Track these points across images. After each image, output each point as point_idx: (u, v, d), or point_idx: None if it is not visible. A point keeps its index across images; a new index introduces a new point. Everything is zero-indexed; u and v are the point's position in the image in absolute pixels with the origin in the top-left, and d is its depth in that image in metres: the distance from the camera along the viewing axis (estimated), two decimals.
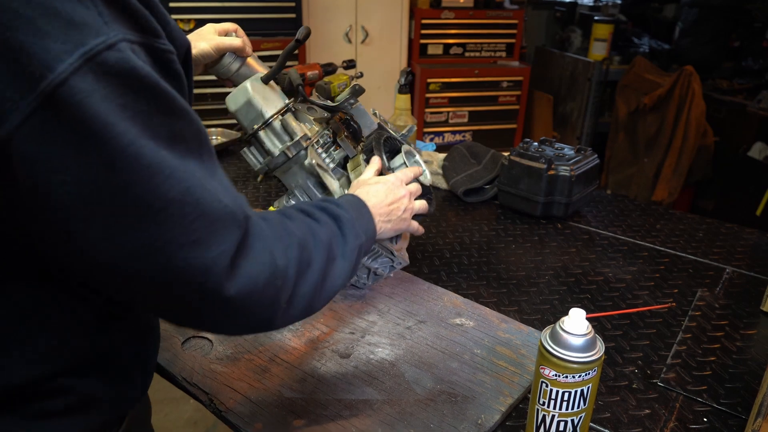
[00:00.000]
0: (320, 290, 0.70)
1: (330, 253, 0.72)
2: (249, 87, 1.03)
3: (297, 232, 0.68)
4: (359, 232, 0.79)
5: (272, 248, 0.62)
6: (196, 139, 0.55)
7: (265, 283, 0.60)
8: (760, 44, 3.79)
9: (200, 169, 0.54)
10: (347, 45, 3.45)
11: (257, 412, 0.85)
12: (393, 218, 0.94)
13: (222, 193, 0.56)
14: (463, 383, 0.91)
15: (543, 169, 1.46)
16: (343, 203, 0.81)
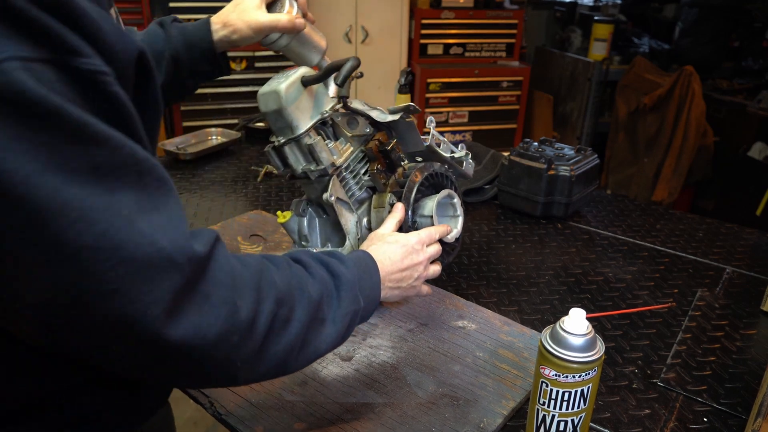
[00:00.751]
0: (298, 353, 0.64)
1: (318, 313, 0.66)
2: (282, 93, 0.90)
3: (279, 283, 0.61)
4: (358, 297, 0.72)
5: (235, 298, 0.55)
6: (131, 168, 0.48)
7: (217, 338, 0.53)
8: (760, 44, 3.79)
9: (135, 203, 0.48)
10: (347, 45, 3.45)
11: (258, 416, 0.85)
12: (403, 285, 0.88)
13: (161, 233, 0.49)
14: (465, 386, 0.91)
15: (543, 169, 1.46)
16: (349, 261, 0.74)
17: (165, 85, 0.98)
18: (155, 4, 2.89)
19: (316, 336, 0.66)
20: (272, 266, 0.63)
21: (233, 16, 0.99)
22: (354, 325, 0.73)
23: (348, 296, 0.70)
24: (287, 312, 0.61)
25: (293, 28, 0.98)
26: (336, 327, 0.68)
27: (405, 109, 1.01)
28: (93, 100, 0.46)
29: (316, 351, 0.67)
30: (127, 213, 0.47)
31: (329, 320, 0.67)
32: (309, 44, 1.02)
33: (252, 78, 3.19)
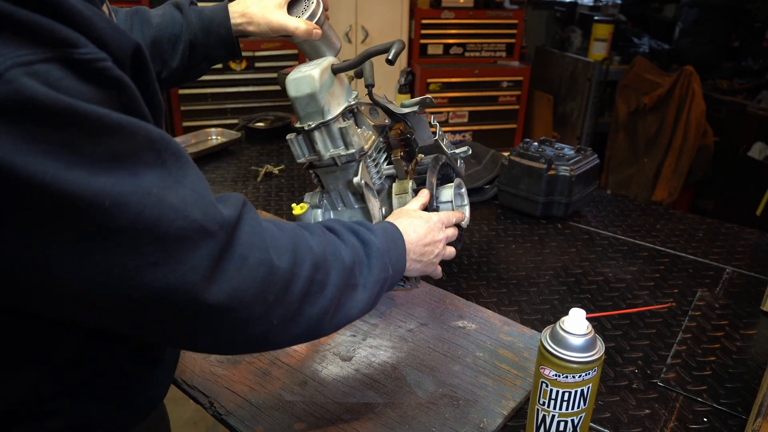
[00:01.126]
0: (331, 316, 0.66)
1: (351, 279, 0.68)
2: (317, 78, 0.91)
3: (315, 248, 0.64)
4: (388, 265, 0.74)
5: (273, 259, 0.58)
6: (149, 148, 0.49)
7: (254, 297, 0.56)
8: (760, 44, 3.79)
9: (161, 181, 0.49)
10: (347, 45, 3.46)
11: (258, 416, 0.85)
12: (424, 259, 0.91)
13: (191, 204, 0.51)
14: (465, 386, 0.91)
15: (543, 169, 1.46)
16: (378, 230, 0.76)
17: (179, 67, 0.99)
18: (155, 3, 2.90)
19: (349, 301, 0.68)
20: (307, 232, 0.65)
21: (255, 9, 0.99)
22: (383, 293, 0.76)
23: (378, 263, 0.72)
24: (323, 276, 0.63)
25: (309, 37, 1.00)
26: (367, 293, 0.70)
27: (422, 101, 1.04)
28: (99, 88, 0.47)
29: (348, 316, 0.69)
30: (156, 191, 0.48)
31: (361, 286, 0.69)
32: (327, 41, 1.04)
33: (252, 78, 3.19)
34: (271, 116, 2.15)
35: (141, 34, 0.95)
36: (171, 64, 0.98)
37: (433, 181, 1.04)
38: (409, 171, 1.07)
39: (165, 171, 0.50)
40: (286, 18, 0.98)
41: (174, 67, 0.98)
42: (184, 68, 1.00)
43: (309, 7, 1.01)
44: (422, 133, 1.09)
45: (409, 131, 1.06)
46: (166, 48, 0.97)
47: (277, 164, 1.81)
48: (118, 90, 0.49)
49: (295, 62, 3.16)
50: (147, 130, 0.50)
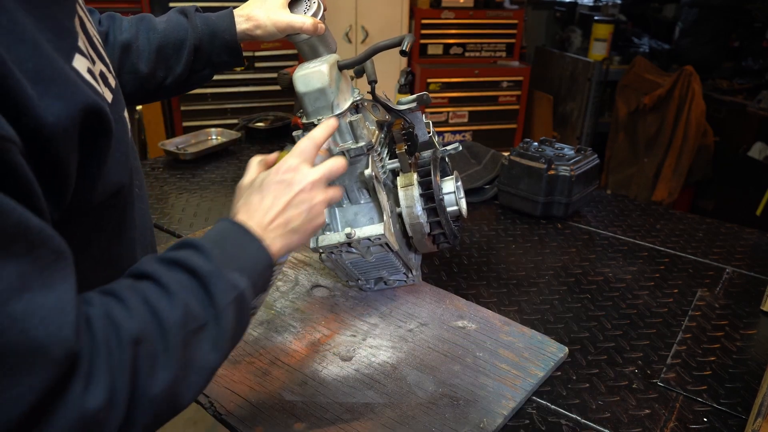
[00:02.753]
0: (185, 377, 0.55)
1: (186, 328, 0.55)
2: (326, 73, 0.92)
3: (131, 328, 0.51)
4: (233, 281, 0.60)
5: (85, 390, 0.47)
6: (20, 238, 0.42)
7: None
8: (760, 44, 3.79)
9: (18, 279, 0.42)
10: (347, 45, 3.45)
11: (257, 416, 0.85)
12: (295, 224, 0.71)
13: (41, 318, 0.42)
14: (465, 386, 0.91)
15: (543, 169, 1.46)
16: (205, 246, 0.61)
17: (183, 73, 0.99)
18: (155, 4, 2.89)
19: (200, 348, 0.57)
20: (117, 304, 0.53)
21: (259, 12, 1.00)
22: (247, 309, 0.63)
23: (220, 287, 0.59)
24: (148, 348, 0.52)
25: (315, 32, 1.00)
26: (222, 326, 0.58)
27: (419, 98, 1.05)
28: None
29: (208, 362, 0.58)
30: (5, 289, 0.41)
31: (209, 324, 0.58)
32: (325, 42, 1.06)
33: (252, 78, 3.18)
34: (271, 116, 2.15)
35: (147, 40, 0.96)
36: (176, 69, 0.98)
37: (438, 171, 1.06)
38: (412, 164, 1.08)
39: (33, 268, 0.43)
40: (291, 17, 0.99)
41: (178, 73, 0.99)
42: (188, 74, 1.01)
43: (311, 6, 1.03)
44: (419, 129, 1.11)
45: (410, 126, 1.08)
46: (171, 53, 0.97)
47: None
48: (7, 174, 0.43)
49: (294, 62, 3.16)
50: (23, 217, 0.42)
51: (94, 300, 0.53)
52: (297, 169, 0.73)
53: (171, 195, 1.61)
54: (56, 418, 0.44)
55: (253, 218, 0.68)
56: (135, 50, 0.94)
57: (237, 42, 1.01)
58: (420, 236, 1.05)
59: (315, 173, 0.74)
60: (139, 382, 0.51)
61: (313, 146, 0.77)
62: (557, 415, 0.89)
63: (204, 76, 1.04)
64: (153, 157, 1.90)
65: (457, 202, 1.06)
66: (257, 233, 0.66)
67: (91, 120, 0.51)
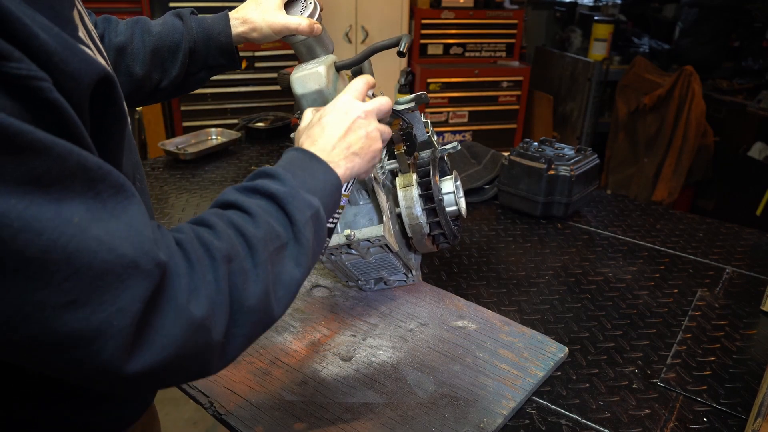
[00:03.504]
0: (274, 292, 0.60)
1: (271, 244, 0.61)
2: (324, 74, 0.91)
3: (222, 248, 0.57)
4: (308, 199, 0.65)
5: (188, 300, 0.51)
6: (81, 177, 0.45)
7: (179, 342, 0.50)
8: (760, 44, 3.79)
9: (88, 212, 0.45)
10: (347, 45, 3.45)
11: (257, 416, 0.85)
12: (356, 148, 0.75)
13: (122, 238, 0.46)
14: (465, 386, 0.91)
15: (543, 169, 1.46)
16: (278, 172, 0.66)
17: (178, 75, 0.99)
18: (155, 4, 2.89)
19: (285, 264, 0.62)
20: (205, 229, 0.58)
21: (255, 15, 1.00)
22: (323, 224, 0.68)
23: (297, 207, 0.64)
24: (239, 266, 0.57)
25: (311, 33, 1.00)
26: (302, 243, 0.63)
27: (417, 98, 1.04)
28: (29, 107, 0.43)
29: (294, 277, 0.63)
30: (77, 220, 0.44)
31: (291, 242, 0.62)
32: (322, 42, 1.06)
33: (252, 78, 3.19)
34: (271, 116, 2.15)
35: (142, 42, 0.95)
36: (171, 72, 0.98)
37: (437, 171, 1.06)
38: (411, 165, 1.08)
39: (97, 203, 0.46)
40: (287, 18, 0.99)
41: (174, 75, 0.99)
42: (184, 77, 1.01)
43: (308, 7, 1.03)
44: (418, 129, 1.11)
45: (409, 126, 1.08)
46: (167, 56, 0.97)
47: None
48: (52, 113, 0.45)
49: (294, 62, 3.16)
50: (81, 157, 0.45)
51: (184, 228, 0.58)
52: (350, 102, 0.79)
53: (171, 195, 1.61)
54: (167, 323, 0.49)
55: (316, 144, 0.74)
56: (130, 53, 0.94)
57: (232, 45, 1.01)
58: (420, 237, 1.05)
59: (368, 105, 0.80)
60: (235, 294, 0.56)
61: (365, 85, 0.83)
62: (557, 415, 0.89)
63: (200, 78, 1.04)
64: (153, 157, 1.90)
65: (456, 202, 1.06)
66: (323, 157, 0.72)
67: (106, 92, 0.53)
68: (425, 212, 1.03)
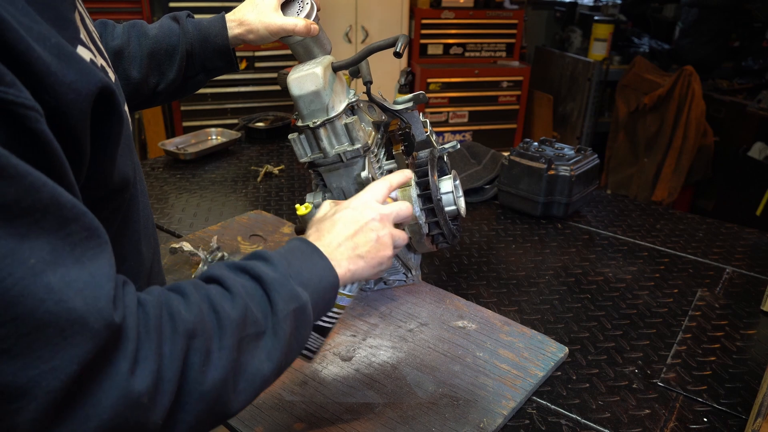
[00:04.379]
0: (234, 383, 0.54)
1: (246, 329, 0.55)
2: (320, 75, 0.91)
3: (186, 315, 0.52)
4: (296, 292, 0.60)
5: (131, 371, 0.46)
6: (52, 213, 0.42)
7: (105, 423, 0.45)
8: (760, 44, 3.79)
9: (50, 253, 0.41)
10: (347, 45, 3.46)
11: (257, 416, 0.85)
12: (363, 251, 0.71)
13: (75, 290, 0.42)
14: (465, 386, 0.91)
15: (543, 169, 1.46)
16: (273, 256, 0.63)
17: (176, 79, 0.99)
18: (155, 4, 2.89)
19: (254, 355, 0.56)
20: (177, 296, 0.54)
21: (251, 17, 0.99)
22: (308, 322, 0.62)
23: (282, 296, 0.59)
24: (203, 343, 0.51)
25: (308, 34, 1.00)
26: (279, 336, 0.58)
27: (415, 97, 1.04)
28: (11, 133, 0.41)
29: (260, 371, 0.57)
30: (33, 263, 0.40)
31: (267, 332, 0.57)
32: (319, 43, 1.06)
33: (252, 78, 3.19)
34: (271, 116, 2.15)
35: (138, 45, 0.95)
36: (168, 75, 0.98)
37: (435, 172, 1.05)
38: (409, 165, 1.08)
39: (65, 244, 0.43)
40: (283, 19, 0.99)
41: (171, 78, 0.98)
42: (182, 80, 1.00)
43: (304, 8, 1.03)
44: (416, 129, 1.10)
45: (407, 126, 1.07)
46: (163, 59, 0.97)
47: (277, 164, 1.81)
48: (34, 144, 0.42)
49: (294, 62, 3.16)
50: (55, 192, 0.42)
51: (153, 291, 0.53)
52: (368, 203, 0.76)
53: (171, 195, 1.61)
54: (100, 393, 0.44)
55: (322, 239, 0.70)
56: (127, 56, 0.94)
57: (229, 47, 1.01)
58: (418, 237, 1.05)
59: (386, 208, 0.76)
60: (189, 374, 0.50)
61: (386, 188, 0.79)
62: (557, 415, 0.89)
63: (198, 81, 1.04)
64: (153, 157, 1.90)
65: (455, 202, 1.05)
66: (326, 252, 0.68)
67: (105, 103, 0.51)
68: (424, 212, 1.03)
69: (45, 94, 0.44)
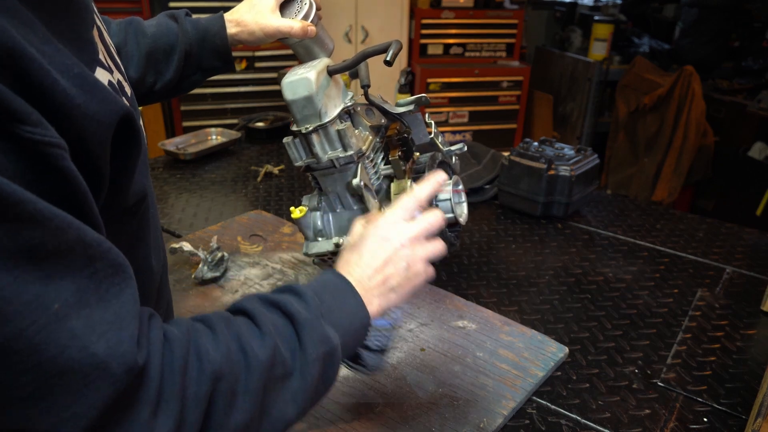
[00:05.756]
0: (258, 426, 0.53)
1: (274, 371, 0.54)
2: (313, 81, 0.89)
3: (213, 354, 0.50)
4: (327, 335, 0.58)
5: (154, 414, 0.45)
6: (79, 252, 0.42)
7: None
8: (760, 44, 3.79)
9: (76, 294, 0.41)
10: (347, 45, 3.45)
11: None
12: (394, 283, 0.67)
13: (98, 333, 0.42)
14: (465, 386, 0.91)
15: (543, 169, 1.46)
16: (306, 293, 0.61)
17: (173, 78, 0.98)
18: (155, 3, 2.89)
19: (280, 397, 0.55)
20: (206, 332, 0.53)
21: (248, 17, 0.99)
22: (336, 365, 0.60)
23: (312, 338, 0.57)
24: (229, 386, 0.50)
25: (305, 36, 0.99)
26: (306, 379, 0.56)
27: (417, 100, 1.03)
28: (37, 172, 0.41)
29: (284, 414, 0.55)
30: (58, 307, 0.40)
31: (295, 374, 0.56)
32: (320, 42, 1.05)
33: (252, 78, 3.19)
34: (271, 116, 2.15)
35: (136, 44, 0.94)
36: (165, 74, 0.97)
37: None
38: (407, 170, 1.06)
39: (91, 282, 0.43)
40: (279, 21, 0.98)
41: (168, 78, 0.97)
42: (179, 79, 0.99)
43: (302, 9, 1.03)
44: (419, 132, 1.09)
45: (405, 130, 1.07)
46: (161, 58, 0.96)
47: (277, 164, 1.81)
48: (59, 180, 0.42)
49: (294, 62, 3.16)
50: (81, 231, 0.42)
51: (182, 324, 0.52)
52: (395, 225, 0.70)
53: (171, 195, 1.61)
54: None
55: (352, 275, 0.66)
56: (124, 55, 0.92)
57: (228, 47, 1.00)
58: None
59: (414, 229, 0.70)
60: (212, 417, 0.49)
61: (415, 203, 0.73)
62: (557, 415, 0.89)
63: (194, 81, 1.03)
64: (153, 157, 1.90)
65: (452, 209, 1.02)
66: (359, 289, 0.65)
67: (125, 128, 0.51)
68: None
69: (69, 127, 0.44)
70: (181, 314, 1.07)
